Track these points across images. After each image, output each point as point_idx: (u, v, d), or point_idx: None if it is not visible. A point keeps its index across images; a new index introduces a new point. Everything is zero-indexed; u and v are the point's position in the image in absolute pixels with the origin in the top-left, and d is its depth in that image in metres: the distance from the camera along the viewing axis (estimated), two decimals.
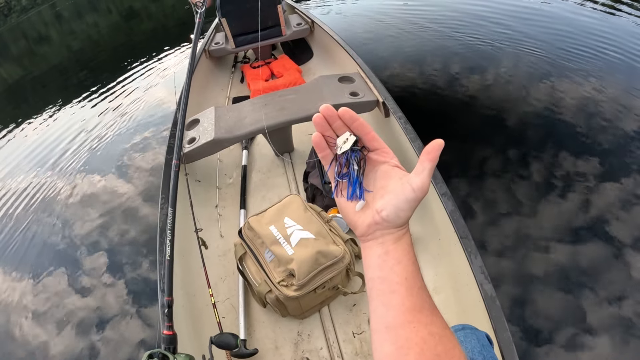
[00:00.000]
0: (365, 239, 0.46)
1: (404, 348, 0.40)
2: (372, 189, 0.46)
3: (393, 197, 0.43)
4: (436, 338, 0.40)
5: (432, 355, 0.39)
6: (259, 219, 1.36)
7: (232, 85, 2.78)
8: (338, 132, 0.47)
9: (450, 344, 0.41)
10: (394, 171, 0.45)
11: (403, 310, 0.41)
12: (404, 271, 0.43)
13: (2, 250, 2.66)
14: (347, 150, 0.45)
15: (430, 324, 0.41)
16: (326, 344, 1.30)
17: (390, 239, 0.44)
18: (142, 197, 2.72)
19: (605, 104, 2.56)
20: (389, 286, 0.43)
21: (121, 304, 2.01)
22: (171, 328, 0.97)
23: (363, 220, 0.45)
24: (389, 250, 0.44)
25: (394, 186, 0.44)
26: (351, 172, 0.46)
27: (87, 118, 4.33)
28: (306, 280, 1.19)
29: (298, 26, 2.76)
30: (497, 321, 0.96)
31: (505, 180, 2.16)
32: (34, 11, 18.30)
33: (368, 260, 0.45)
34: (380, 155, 0.46)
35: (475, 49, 3.52)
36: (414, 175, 0.42)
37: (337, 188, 0.47)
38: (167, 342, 0.95)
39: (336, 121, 0.46)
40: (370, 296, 0.44)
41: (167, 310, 1.00)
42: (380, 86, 1.85)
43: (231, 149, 2.09)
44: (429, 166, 0.41)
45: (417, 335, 0.40)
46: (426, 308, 0.42)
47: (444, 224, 1.30)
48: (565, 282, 1.65)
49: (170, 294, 1.03)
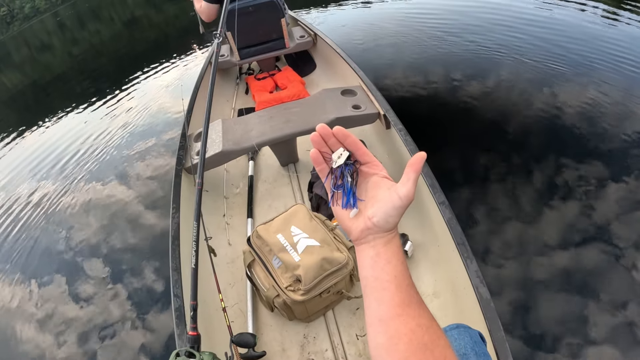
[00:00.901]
0: (358, 242, 0.52)
1: (395, 338, 0.46)
2: (364, 198, 0.52)
3: (382, 204, 0.49)
4: (423, 329, 0.46)
5: (420, 344, 0.45)
6: (267, 228, 1.44)
7: (237, 97, 2.86)
8: (333, 148, 0.53)
9: (435, 335, 0.46)
10: (383, 182, 0.51)
11: (393, 304, 0.47)
12: (394, 270, 0.49)
13: (7, 257, 2.72)
14: (341, 164, 0.52)
15: (418, 317, 0.47)
16: (331, 346, 1.36)
17: (380, 242, 0.50)
18: (145, 205, 2.77)
19: (607, 109, 2.59)
20: (380, 284, 0.48)
21: (131, 309, 2.07)
22: (195, 329, 1.04)
23: (357, 226, 0.51)
24: (380, 252, 0.50)
25: (383, 195, 0.50)
26: (345, 184, 0.52)
27: (90, 126, 4.37)
28: (312, 285, 1.26)
29: (301, 39, 2.84)
30: (491, 322, 1.03)
31: (508, 185, 2.20)
32: (36, 19, 18.41)
33: (361, 261, 0.51)
34: (370, 168, 0.52)
35: (475, 56, 3.58)
36: (401, 185, 0.48)
37: (333, 198, 0.54)
38: (192, 342, 1.02)
39: (331, 139, 0.52)
40: (365, 293, 0.50)
41: (193, 313, 1.07)
42: (381, 99, 1.92)
43: (238, 160, 2.16)
44: (413, 177, 0.47)
45: (406, 326, 0.46)
46: (414, 302, 0.48)
47: (443, 231, 1.37)
48: (569, 287, 1.68)
49: (195, 298, 1.10)
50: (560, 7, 4.50)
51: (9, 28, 17.86)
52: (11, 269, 2.60)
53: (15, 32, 17.10)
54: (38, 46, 13.95)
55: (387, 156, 1.97)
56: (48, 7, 19.90)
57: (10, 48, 14.80)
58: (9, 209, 3.28)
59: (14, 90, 8.35)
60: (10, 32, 17.46)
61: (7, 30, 17.60)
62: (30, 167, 3.88)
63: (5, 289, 2.46)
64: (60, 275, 2.41)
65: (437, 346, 0.46)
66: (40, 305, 2.27)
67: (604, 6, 4.28)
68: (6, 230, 3.01)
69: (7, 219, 3.14)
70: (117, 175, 3.19)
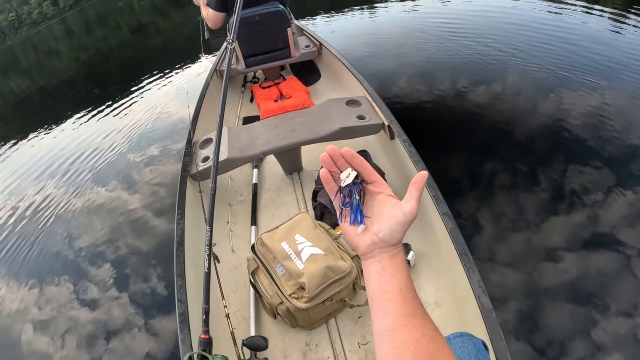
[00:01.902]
0: (365, 257, 0.55)
1: (401, 347, 0.48)
2: (370, 215, 0.55)
3: (388, 221, 0.52)
4: (427, 338, 0.48)
5: (425, 353, 0.47)
6: (271, 236, 1.45)
7: (242, 105, 2.89)
8: (342, 168, 0.56)
9: (439, 343, 0.49)
10: (388, 200, 0.54)
11: (399, 315, 0.50)
12: (399, 283, 0.51)
13: (11, 259, 2.74)
14: (349, 183, 0.55)
15: (423, 327, 0.49)
16: (333, 354, 1.37)
17: (386, 257, 0.53)
18: (151, 210, 2.79)
19: (613, 115, 2.59)
20: (386, 296, 0.51)
21: (136, 313, 2.08)
22: (207, 332, 1.06)
23: (364, 241, 0.54)
24: (385, 266, 0.52)
25: (388, 212, 0.53)
26: (353, 201, 0.55)
27: (96, 131, 4.39)
28: (316, 293, 1.27)
29: (306, 48, 2.87)
30: (493, 331, 1.04)
31: (513, 193, 2.20)
32: (44, 25, 18.62)
33: (368, 275, 0.54)
34: (377, 187, 0.55)
35: (481, 62, 3.60)
36: (405, 202, 0.51)
37: (341, 215, 0.57)
38: (204, 345, 1.03)
39: (340, 159, 0.55)
40: (371, 306, 0.53)
41: (205, 317, 1.09)
42: (385, 109, 1.94)
43: (242, 168, 2.18)
44: (416, 194, 0.51)
45: (412, 336, 0.48)
46: (418, 313, 0.50)
47: (445, 241, 1.38)
48: (574, 295, 1.67)
49: (207, 303, 1.12)
50: (566, 12, 4.52)
51: (17, 33, 18.08)
52: (15, 272, 2.62)
53: (23, 38, 17.31)
54: (45, 52, 14.11)
55: (391, 166, 1.98)
56: (56, 13, 20.17)
57: (18, 53, 14.97)
58: (15, 212, 3.30)
59: (21, 95, 8.44)
60: (19, 37, 17.68)
61: (15, 35, 17.83)
62: (36, 171, 3.91)
63: (10, 291, 2.47)
64: (64, 279, 2.42)
65: (441, 354, 0.48)
66: (44, 308, 2.28)
67: (611, 9, 4.28)
68: (10, 233, 3.03)
69: (12, 222, 3.17)
70: (121, 181, 3.21)
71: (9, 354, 2.11)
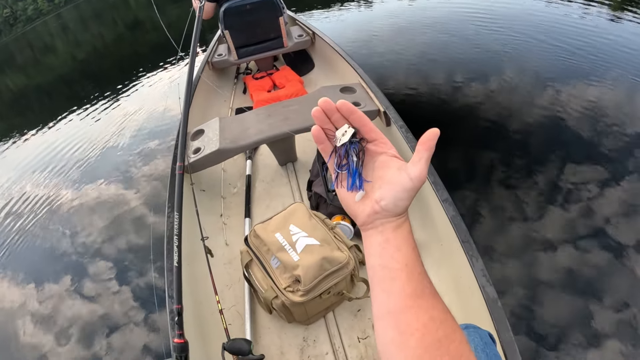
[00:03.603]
0: (365, 227, 0.47)
1: (406, 334, 0.41)
2: (370, 179, 0.47)
3: (391, 187, 0.44)
4: (437, 323, 0.41)
5: (433, 340, 0.40)
6: (265, 227, 1.40)
7: (234, 96, 2.83)
8: (337, 125, 0.48)
9: (450, 329, 0.42)
10: (392, 161, 0.46)
11: (404, 296, 0.42)
12: (404, 258, 0.44)
13: (8, 256, 2.71)
14: (346, 142, 0.47)
15: (432, 309, 0.42)
16: (332, 349, 1.32)
17: (389, 227, 0.45)
18: (146, 205, 2.76)
19: (610, 110, 2.58)
20: (389, 273, 0.44)
21: (130, 310, 2.05)
22: (182, 336, 0.96)
23: (363, 209, 0.46)
24: (389, 238, 0.45)
25: (391, 176, 0.45)
26: (350, 164, 0.47)
27: (92, 127, 4.41)
28: (312, 285, 1.22)
29: (299, 38, 2.81)
30: (499, 322, 0.98)
31: (511, 185, 2.18)
32: (39, 21, 18.52)
33: (369, 248, 0.46)
34: (378, 145, 0.47)
35: (478, 55, 3.57)
36: (411, 165, 0.43)
37: (337, 179, 0.48)
38: (178, 351, 0.93)
39: (334, 114, 0.47)
40: (372, 284, 0.45)
41: (177, 318, 0.98)
42: (381, 96, 1.88)
43: (235, 159, 2.12)
44: (425, 155, 0.43)
45: (418, 320, 0.41)
46: (427, 293, 0.43)
47: (446, 229, 1.33)
48: (574, 285, 1.66)
49: (180, 302, 1.04)
50: (562, 6, 4.49)
51: (12, 30, 17.95)
52: (13, 268, 2.59)
53: (19, 34, 17.19)
54: (41, 48, 14.02)
55: None
56: (51, 9, 19.99)
57: (13, 50, 14.87)
58: (12, 209, 3.27)
59: (17, 92, 8.39)
60: (14, 33, 17.55)
61: (10, 32, 17.69)
62: (32, 168, 3.89)
63: (7, 288, 2.45)
64: (62, 274, 2.40)
65: (453, 341, 0.41)
66: (41, 304, 2.25)
67: (609, 2, 4.27)
68: (6, 230, 3.00)
69: (9, 219, 3.14)
70: (116, 175, 3.20)
71: (3, 348, 2.08)
